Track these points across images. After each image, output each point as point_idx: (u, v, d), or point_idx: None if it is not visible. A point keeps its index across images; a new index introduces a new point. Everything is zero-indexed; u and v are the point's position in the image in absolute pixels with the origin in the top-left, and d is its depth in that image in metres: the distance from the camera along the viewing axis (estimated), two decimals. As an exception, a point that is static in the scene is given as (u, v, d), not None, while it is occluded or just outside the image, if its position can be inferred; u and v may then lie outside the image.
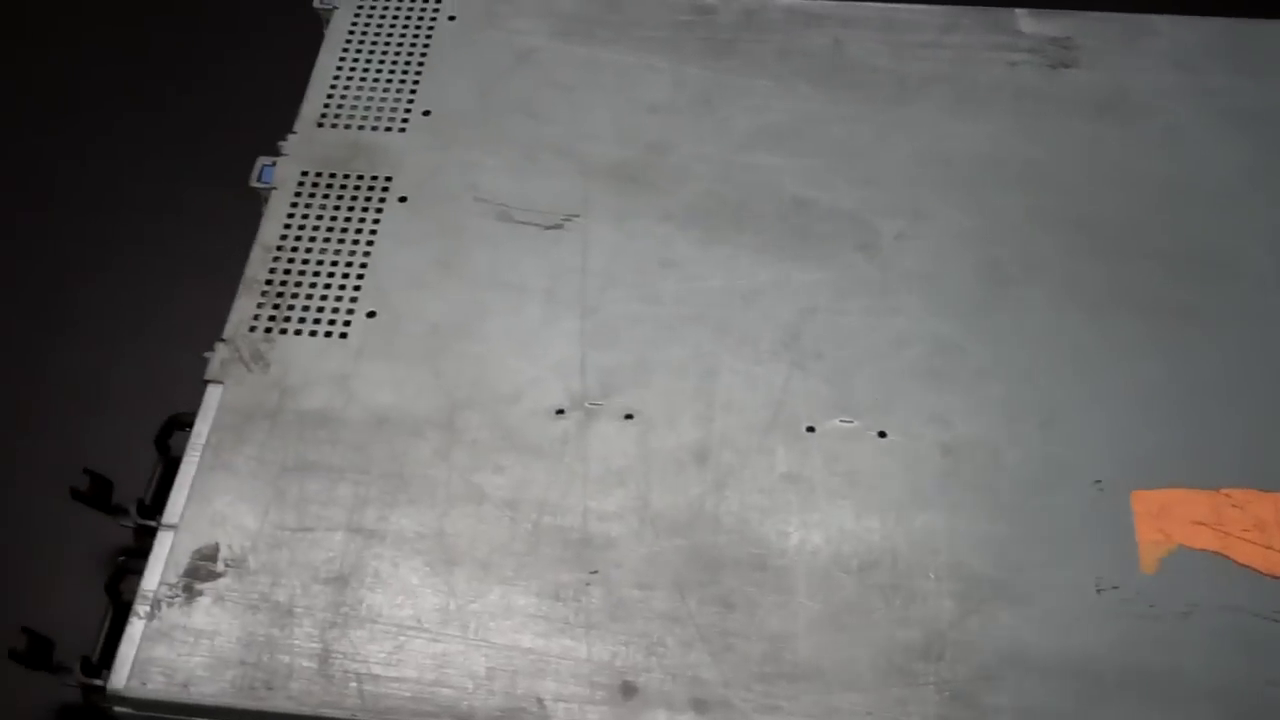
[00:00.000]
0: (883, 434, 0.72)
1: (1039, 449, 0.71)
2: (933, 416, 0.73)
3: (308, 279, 0.77)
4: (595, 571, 0.67)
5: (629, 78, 0.87)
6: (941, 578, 0.68)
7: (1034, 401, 0.73)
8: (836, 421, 0.73)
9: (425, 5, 0.90)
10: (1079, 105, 0.85)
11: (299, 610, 0.66)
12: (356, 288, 0.77)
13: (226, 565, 0.67)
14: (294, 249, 0.78)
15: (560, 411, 0.73)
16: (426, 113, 0.85)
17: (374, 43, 0.88)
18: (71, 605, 0.72)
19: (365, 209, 0.80)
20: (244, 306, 0.76)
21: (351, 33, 0.89)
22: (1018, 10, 0.89)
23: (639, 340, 0.75)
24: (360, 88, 0.86)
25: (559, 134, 0.84)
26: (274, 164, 0.82)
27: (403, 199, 0.81)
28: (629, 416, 0.72)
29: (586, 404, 0.73)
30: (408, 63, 0.87)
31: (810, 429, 0.72)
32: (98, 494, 0.72)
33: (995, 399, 0.73)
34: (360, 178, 0.82)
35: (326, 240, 0.79)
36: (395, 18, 0.90)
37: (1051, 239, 0.79)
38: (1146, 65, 0.86)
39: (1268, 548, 0.68)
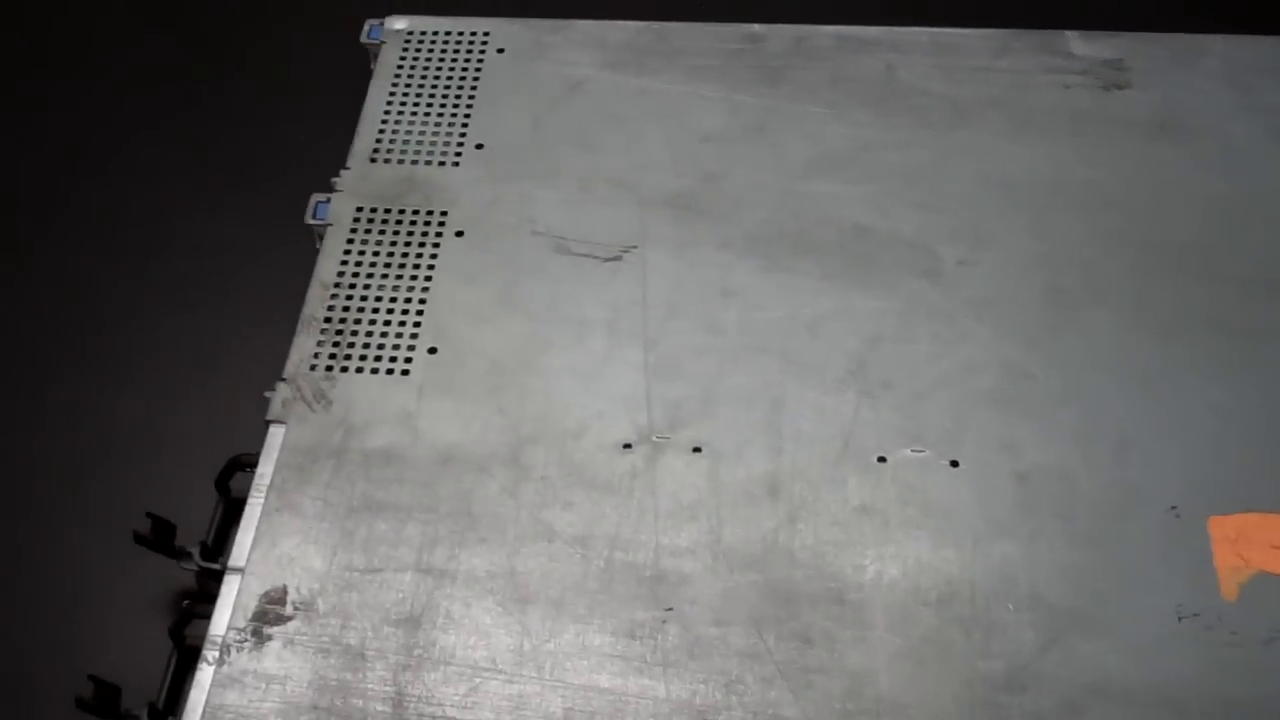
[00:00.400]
0: (955, 463, 0.71)
1: (1113, 475, 0.70)
2: (1005, 444, 0.72)
3: (367, 315, 0.77)
4: (670, 609, 0.66)
5: (681, 107, 0.86)
6: (1021, 608, 0.66)
7: (1106, 427, 0.72)
8: (908, 451, 0.72)
9: (474, 38, 0.90)
10: (1135, 126, 0.84)
11: (371, 653, 0.65)
12: (416, 324, 0.76)
13: (295, 608, 0.66)
14: (352, 285, 0.78)
15: (627, 446, 0.72)
16: (479, 146, 0.84)
17: (423, 77, 0.88)
18: (135, 651, 0.71)
19: (422, 244, 0.80)
20: (303, 345, 0.75)
21: (400, 67, 0.89)
22: (1069, 33, 0.89)
23: (703, 372, 0.74)
24: (412, 122, 0.86)
25: (613, 165, 0.83)
26: (328, 200, 0.81)
27: (459, 233, 0.80)
28: (697, 449, 0.72)
29: (654, 437, 0.72)
30: (458, 96, 0.87)
31: (882, 459, 0.71)
32: (160, 537, 0.71)
33: (1067, 425, 0.72)
34: (415, 212, 0.81)
35: (384, 276, 0.78)
36: (444, 51, 0.90)
37: (1116, 262, 0.78)
38: (1201, 85, 0.86)
39: (1351, 572, 0.68)
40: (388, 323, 0.76)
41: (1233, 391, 0.73)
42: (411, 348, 0.75)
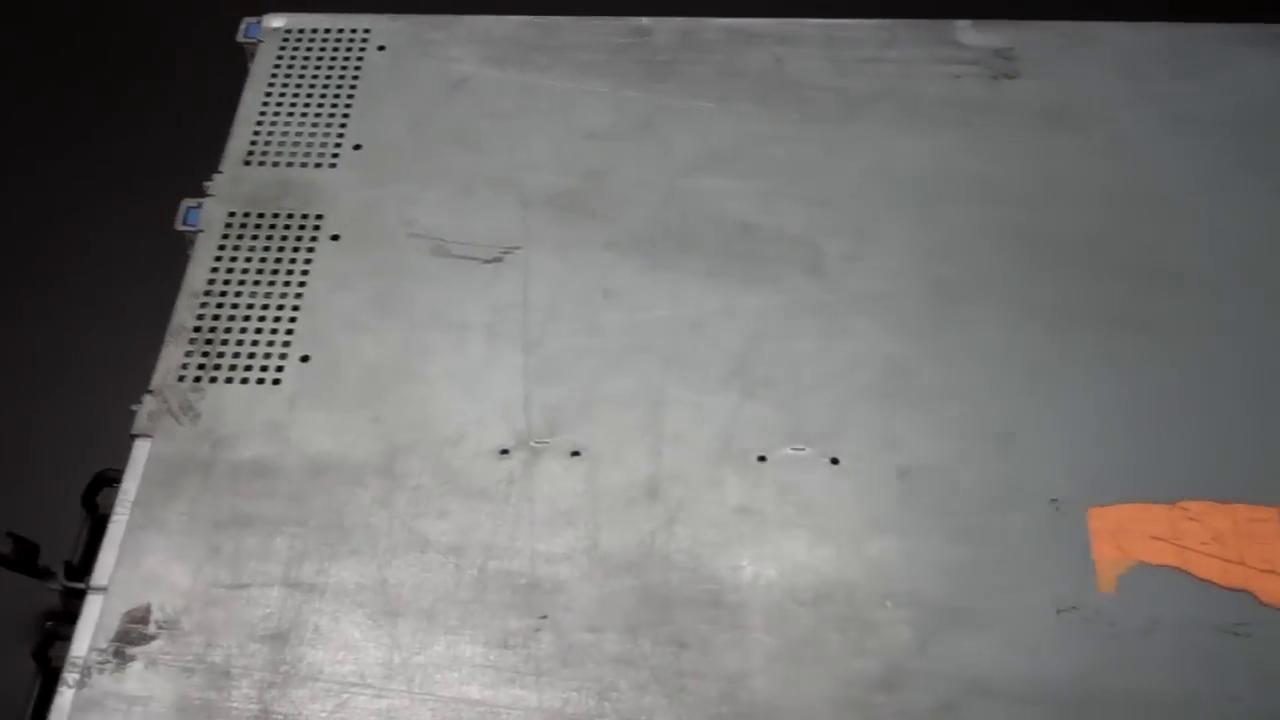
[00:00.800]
0: (835, 460, 0.70)
1: (994, 469, 0.70)
2: (886, 440, 0.71)
3: (238, 324, 0.75)
4: (544, 616, 0.65)
5: (566, 103, 0.85)
6: (898, 606, 0.66)
7: (988, 421, 0.71)
8: (788, 450, 0.71)
9: (354, 35, 0.88)
10: (1025, 116, 0.83)
11: (236, 671, 0.63)
12: (289, 331, 0.74)
13: (159, 627, 0.65)
14: (223, 293, 0.76)
15: (505, 452, 0.70)
16: (358, 146, 0.82)
17: (301, 75, 0.86)
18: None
19: (296, 249, 0.78)
20: (171, 355, 0.73)
21: (278, 66, 0.86)
22: (959, 22, 0.88)
23: (584, 374, 0.73)
24: (288, 123, 0.84)
25: (496, 164, 0.82)
26: (199, 206, 0.79)
27: (335, 237, 0.78)
28: (575, 454, 0.70)
29: (532, 443, 0.71)
30: (337, 95, 0.85)
31: (761, 458, 0.71)
32: (23, 557, 0.69)
33: (949, 420, 0.72)
34: (290, 216, 0.79)
35: (257, 283, 0.76)
36: (323, 49, 0.88)
37: (1002, 254, 0.78)
38: (1090, 73, 0.85)
39: (1226, 560, 0.67)
40: (259, 331, 0.75)
41: (1115, 383, 0.73)
42: (284, 356, 0.74)
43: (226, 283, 0.76)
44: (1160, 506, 0.69)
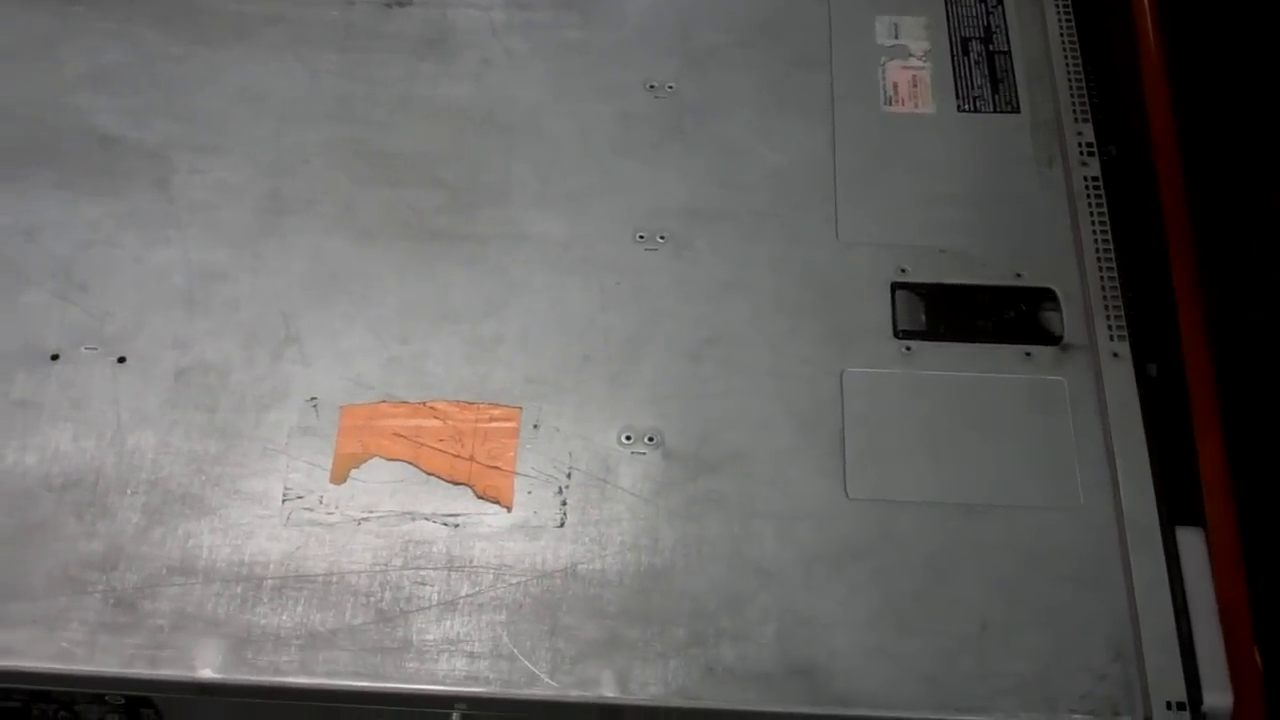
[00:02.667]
0: (122, 359, 0.75)
1: (268, 370, 0.74)
2: (176, 342, 0.75)
3: None
4: None
5: (-21, 25, 0.89)
6: (138, 493, 0.70)
7: (278, 326, 0.76)
8: (82, 349, 0.75)
9: None
10: (404, 42, 0.87)
11: None
12: None
13: None
14: None
15: None
16: None
17: None
18: None
19: None
20: None
21: None
22: (377, -46, 0.92)
23: (-94, 279, 0.77)
24: None
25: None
26: None
27: None
28: None
29: None
30: None
31: (55, 357, 0.75)
32: None
33: (241, 324, 0.76)
34: None
35: None
36: None
37: (340, 171, 0.82)
38: (479, 2, 0.89)
39: (457, 456, 0.72)
40: None
41: (411, 290, 0.77)
42: None
43: None
44: (410, 405, 0.73)
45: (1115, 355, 0.74)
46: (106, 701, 0.67)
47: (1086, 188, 0.80)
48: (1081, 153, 0.82)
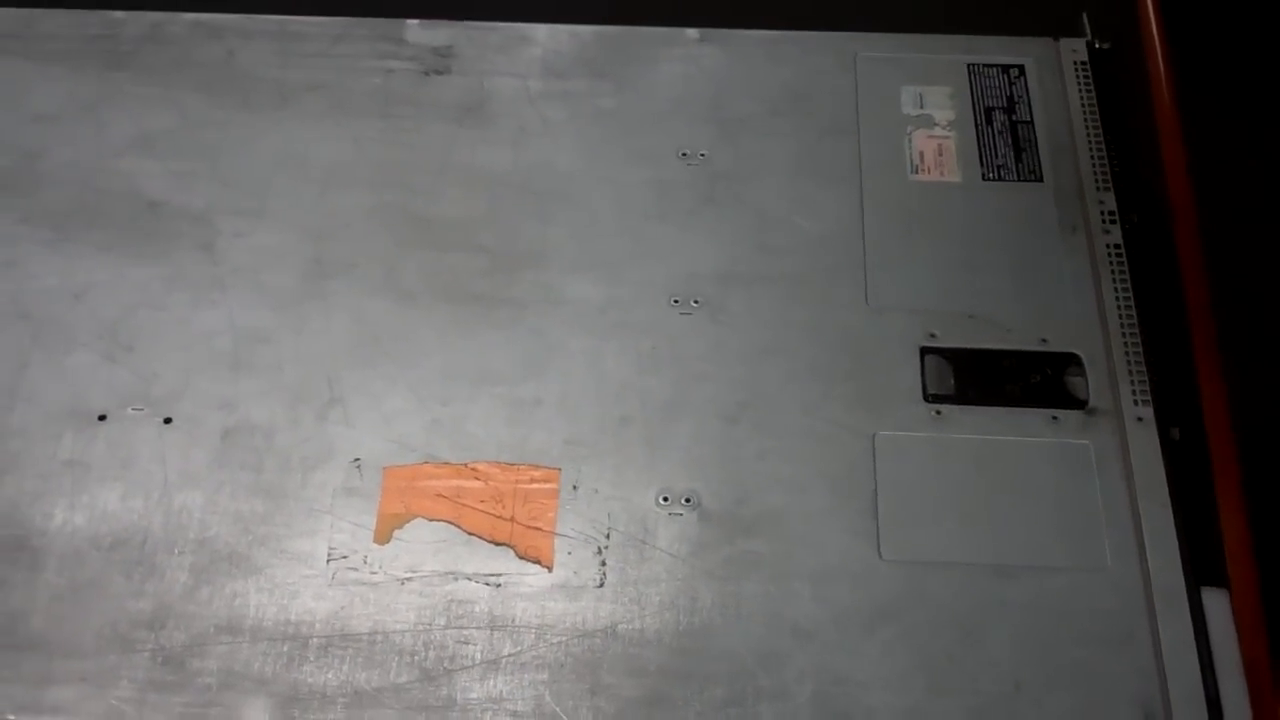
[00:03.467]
0: (168, 420, 0.76)
1: (312, 431, 0.76)
2: (222, 403, 0.77)
3: None
4: None
5: (23, 88, 0.91)
6: (185, 553, 0.72)
7: (319, 388, 0.77)
8: (129, 410, 0.77)
9: None
10: (443, 110, 0.90)
11: None
12: None
13: None
14: None
15: None
16: None
17: None
18: None
19: None
20: None
21: None
22: (409, 21, 0.94)
23: (-42, 340, 0.79)
24: None
25: (-65, 145, 0.88)
26: None
27: None
28: (-75, 413, 0.76)
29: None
30: None
31: (102, 417, 0.77)
32: None
33: (286, 385, 0.78)
34: None
35: None
36: None
37: (381, 236, 0.84)
38: (516, 70, 0.92)
39: (498, 517, 0.73)
40: None
41: (453, 353, 0.79)
42: None
43: None
44: (451, 466, 0.75)
45: (1139, 420, 0.76)
46: (165, 760, 0.68)
47: (1109, 255, 0.82)
48: (1104, 220, 0.84)
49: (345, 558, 0.72)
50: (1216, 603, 0.70)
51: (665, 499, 0.73)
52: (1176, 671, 0.67)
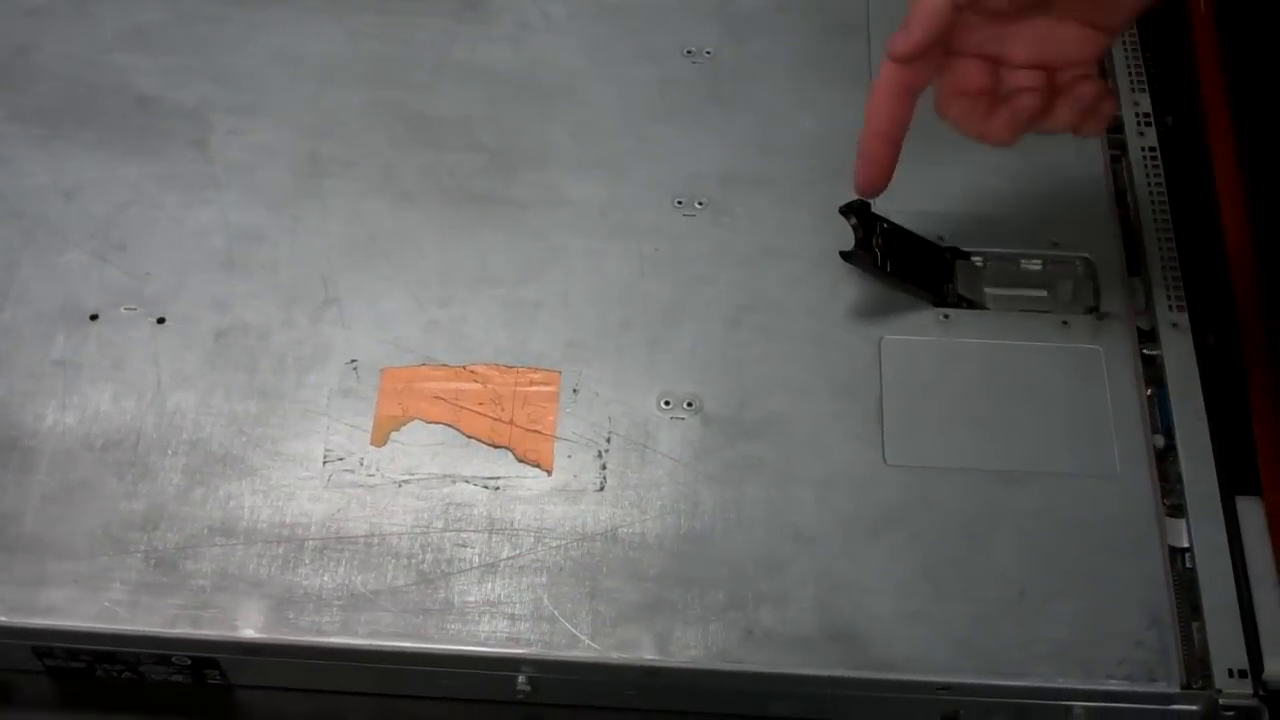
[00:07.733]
0: (161, 320, 0.75)
1: (307, 332, 0.74)
2: (215, 303, 0.75)
3: None
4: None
5: (13, -16, 0.89)
6: (178, 454, 0.71)
7: (317, 288, 0.76)
8: (121, 310, 0.75)
9: None
10: (440, 5, 0.87)
11: None
12: None
13: None
14: None
15: None
16: None
17: None
18: None
19: None
20: None
21: None
22: (406, -86, 0.91)
23: (-58, 236, 0.78)
24: None
25: (-79, 38, 0.86)
26: None
27: None
28: (-87, 309, 0.75)
29: None
30: None
31: (94, 317, 0.75)
32: None
33: (281, 285, 0.76)
34: None
35: None
36: None
37: (377, 133, 0.82)
38: (515, -36, 0.89)
39: (497, 419, 0.72)
40: None
41: (449, 254, 0.77)
42: None
43: None
44: (449, 368, 0.73)
45: (1174, 325, 0.74)
46: (172, 663, 0.67)
47: (1144, 158, 0.80)
48: (1139, 123, 0.81)
49: (341, 460, 0.70)
50: (1251, 511, 0.68)
51: (667, 403, 0.72)
52: (1210, 581, 0.66)
